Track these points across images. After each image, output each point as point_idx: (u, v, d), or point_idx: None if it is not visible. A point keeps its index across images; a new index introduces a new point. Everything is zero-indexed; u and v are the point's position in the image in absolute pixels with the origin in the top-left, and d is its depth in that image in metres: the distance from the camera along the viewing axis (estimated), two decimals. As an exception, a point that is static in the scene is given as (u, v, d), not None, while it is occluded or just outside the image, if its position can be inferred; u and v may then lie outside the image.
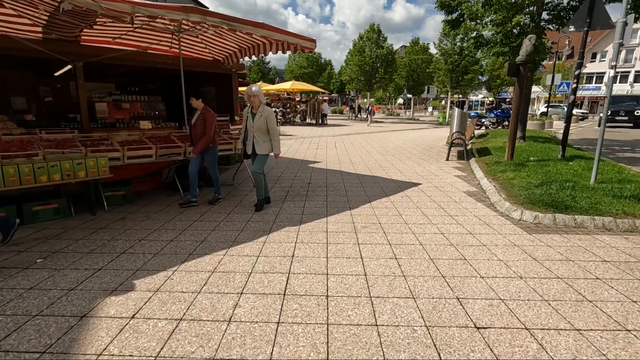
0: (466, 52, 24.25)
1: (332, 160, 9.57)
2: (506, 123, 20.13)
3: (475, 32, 10.79)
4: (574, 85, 7.55)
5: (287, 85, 25.41)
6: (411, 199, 5.59)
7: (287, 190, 6.21)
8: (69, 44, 6.25)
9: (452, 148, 9.75)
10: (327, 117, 27.60)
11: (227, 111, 9.44)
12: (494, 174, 6.86)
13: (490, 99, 21.60)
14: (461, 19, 11.86)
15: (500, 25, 10.07)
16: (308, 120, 26.04)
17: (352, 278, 3.01)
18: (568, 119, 7.75)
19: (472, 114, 21.15)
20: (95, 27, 6.17)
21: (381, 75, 30.10)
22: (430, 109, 59.70)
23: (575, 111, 30.37)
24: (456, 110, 12.58)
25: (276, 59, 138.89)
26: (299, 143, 13.64)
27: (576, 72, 7.54)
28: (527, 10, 10.15)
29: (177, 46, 7.65)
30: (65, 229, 4.18)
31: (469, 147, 10.42)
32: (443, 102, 65.11)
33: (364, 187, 6.37)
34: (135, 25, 6.39)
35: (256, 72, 55.85)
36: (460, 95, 51.99)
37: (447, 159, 9.39)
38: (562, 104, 32.20)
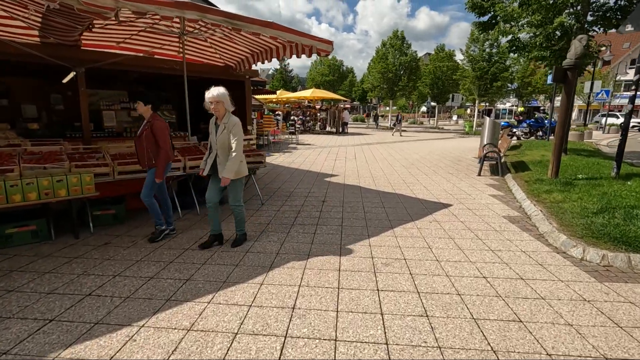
0: (495, 59, 23.02)
1: (350, 173, 8.82)
2: (540, 133, 18.78)
3: (510, 35, 9.85)
4: (633, 92, 6.52)
5: (307, 93, 24.91)
6: (441, 225, 4.76)
7: (298, 210, 5.51)
8: (68, 48, 5.85)
9: (484, 162, 8.79)
10: (348, 126, 26.91)
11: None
12: (537, 195, 5.91)
13: (521, 108, 20.16)
14: (493, 21, 10.94)
15: (540, 26, 9.10)
16: (328, 129, 25.43)
17: (368, 348, 2.24)
18: (625, 130, 6.69)
19: (503, 123, 19.89)
20: (97, 30, 5.76)
21: (404, 83, 29.14)
22: (455, 117, 58.02)
23: (633, 121, 28.30)
24: (487, 120, 11.60)
25: (298, 67, 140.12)
26: (317, 153, 12.97)
27: (635, 78, 6.51)
28: (571, 10, 9.14)
29: (186, 50, 7.19)
30: (37, 257, 3.63)
31: (502, 160, 9.40)
32: (469, 110, 63.14)
33: (386, 208, 5.58)
34: (139, 29, 5.95)
35: (278, 80, 56.10)
36: (487, 104, 50.43)
37: (479, 174, 8.45)
38: (599, 113, 30.20)
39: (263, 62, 7.01)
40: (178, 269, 3.36)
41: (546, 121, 18.97)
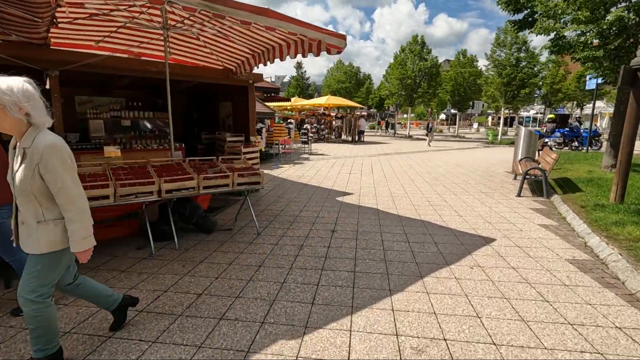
0: (523, 64, 21.50)
1: (367, 191, 7.69)
2: (575, 144, 17.17)
3: (553, 33, 8.58)
4: None
5: (322, 100, 24.00)
6: (487, 274, 3.58)
7: (301, 244, 4.43)
8: (35, 48, 5.01)
9: (524, 180, 7.50)
10: (365, 134, 25.79)
11: (242, 130, 7.94)
12: (605, 228, 4.65)
13: (551, 115, 18.45)
14: (530, 19, 9.70)
15: (590, 23, 7.82)
16: (344, 137, 24.38)
17: None
18: None
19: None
20: (68, 27, 4.92)
21: (424, 90, 27.82)
22: (475, 125, 56.07)
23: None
24: (522, 129, 10.31)
25: (315, 75, 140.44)
26: (330, 165, 11.90)
27: None
28: (627, 4, 7.81)
29: (178, 51, 6.30)
30: (-64, 321, 2.67)
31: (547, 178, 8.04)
32: (489, 118, 60.86)
33: (411, 243, 4.44)
34: (118, 24, 5.07)
35: (295, 87, 55.69)
36: (511, 111, 48.52)
37: (519, 195, 7.17)
38: None
39: (265, 64, 6.04)
40: (113, 351, 2.32)
41: (583, 130, 17.37)
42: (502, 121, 23.51)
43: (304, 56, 4.93)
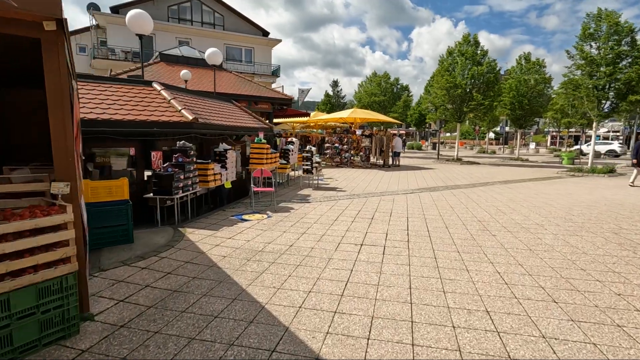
0: (628, 60, 15.26)
1: (386, 334, 2.43)
2: None
3: None
4: None
5: (345, 114, 19.00)
6: None
7: None
8: None
9: None
10: (401, 157, 20.38)
11: (42, 156, 3.03)
12: None
13: None
14: None
15: None
16: (373, 161, 19.11)
17: None
18: None
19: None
20: None
21: (479, 101, 21.84)
22: (532, 145, 48.30)
23: None
24: None
25: (351, 94, 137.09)
26: (333, 216, 6.69)
27: None
28: None
29: None
30: None
31: None
32: (548, 136, 52.65)
33: None
34: None
35: (325, 104, 51.56)
36: (573, 129, 41.04)
37: None
38: None
39: None
40: None
41: None
42: (593, 141, 17.03)
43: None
